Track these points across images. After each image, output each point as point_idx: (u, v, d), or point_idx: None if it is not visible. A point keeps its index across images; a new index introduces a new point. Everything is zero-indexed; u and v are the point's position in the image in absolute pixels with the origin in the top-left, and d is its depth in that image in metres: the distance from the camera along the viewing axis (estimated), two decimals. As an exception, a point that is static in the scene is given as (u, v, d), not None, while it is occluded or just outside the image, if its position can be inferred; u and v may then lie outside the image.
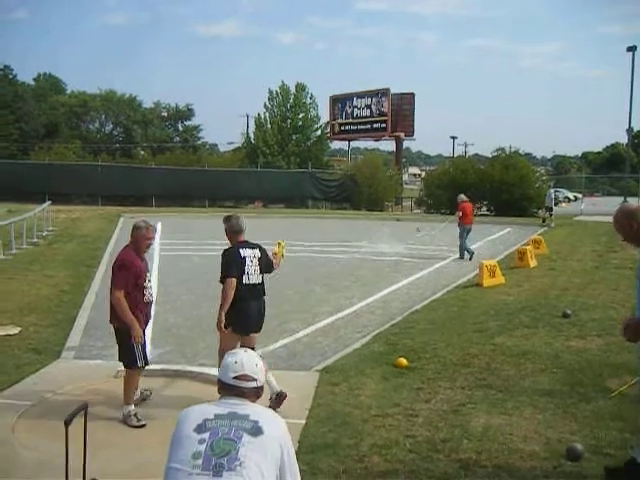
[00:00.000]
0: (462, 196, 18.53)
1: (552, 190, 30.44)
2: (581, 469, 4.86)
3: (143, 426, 5.81)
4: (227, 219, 6.61)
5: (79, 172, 39.33)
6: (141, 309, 6.07)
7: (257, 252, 6.43)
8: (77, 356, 8.22)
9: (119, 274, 6.01)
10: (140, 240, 6.13)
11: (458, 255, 18.08)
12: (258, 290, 6.44)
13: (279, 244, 7.04)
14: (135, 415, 5.91)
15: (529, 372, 7.23)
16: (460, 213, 18.04)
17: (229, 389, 2.91)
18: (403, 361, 7.57)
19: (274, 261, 6.78)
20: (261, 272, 6.43)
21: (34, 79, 72.36)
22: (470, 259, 17.44)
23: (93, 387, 6.93)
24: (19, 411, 6.12)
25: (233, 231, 6.50)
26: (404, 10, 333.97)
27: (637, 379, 6.64)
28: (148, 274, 6.25)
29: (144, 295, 6.11)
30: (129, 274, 5.97)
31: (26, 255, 16.45)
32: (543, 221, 29.06)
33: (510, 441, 5.36)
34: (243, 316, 6.34)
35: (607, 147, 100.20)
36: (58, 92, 69.77)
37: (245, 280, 6.28)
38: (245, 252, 6.33)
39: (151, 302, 6.29)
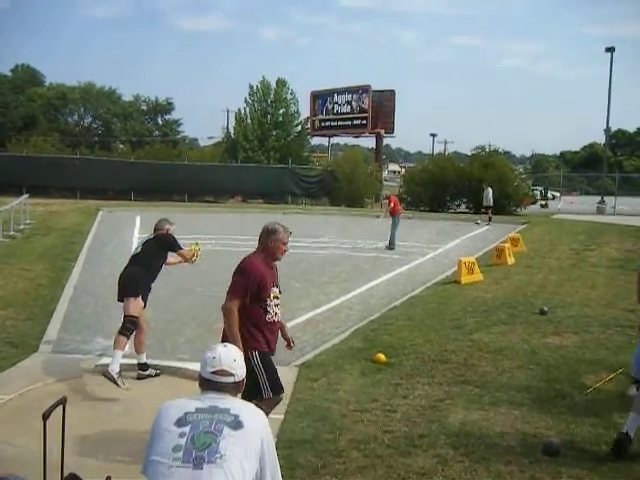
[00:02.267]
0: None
1: (490, 189, 30.31)
2: (557, 464, 4.93)
3: None
4: None
5: (57, 165, 38.91)
6: (261, 328, 5.06)
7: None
8: (55, 350, 8.15)
9: (237, 280, 5.17)
10: (276, 246, 5.18)
11: (388, 245, 19.10)
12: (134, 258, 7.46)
13: (196, 244, 7.95)
14: None
15: (506, 368, 7.30)
16: (392, 204, 19.76)
17: (208, 384, 2.92)
18: (382, 357, 7.61)
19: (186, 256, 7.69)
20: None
21: (11, 70, 71.45)
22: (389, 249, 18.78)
23: (71, 381, 6.89)
24: (-4, 405, 6.08)
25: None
26: (387, 8, 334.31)
27: (612, 375, 6.76)
28: (275, 289, 5.23)
29: (267, 312, 5.11)
30: (250, 283, 5.08)
31: (3, 248, 16.28)
32: (489, 220, 28.54)
33: (487, 436, 5.42)
34: None
35: (585, 147, 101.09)
36: (36, 84, 68.98)
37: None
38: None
39: (275, 322, 5.19)
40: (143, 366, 7.24)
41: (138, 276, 7.24)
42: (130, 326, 6.97)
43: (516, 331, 8.70)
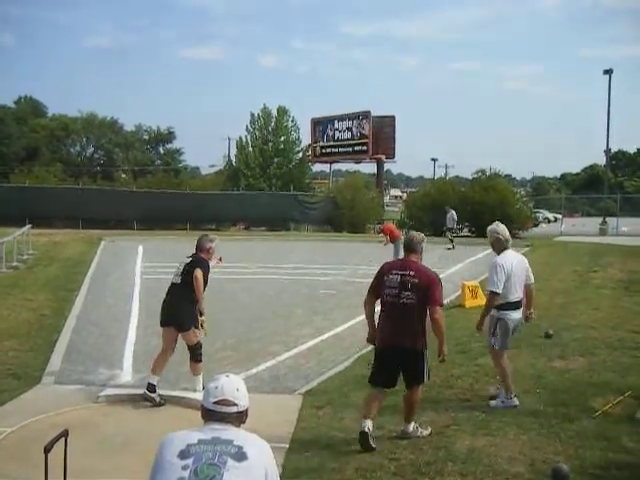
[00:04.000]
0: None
1: (453, 211, 30.25)
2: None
3: None
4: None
5: (60, 195, 39.06)
6: None
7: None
8: (57, 381, 8.11)
9: (440, 289, 6.03)
10: (421, 252, 6.27)
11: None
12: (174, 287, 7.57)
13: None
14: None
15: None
16: (387, 234, 20.46)
17: (210, 414, 2.88)
18: None
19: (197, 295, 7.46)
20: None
21: (14, 102, 72.17)
22: None
23: (74, 412, 6.84)
24: (-2, 438, 6.02)
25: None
26: (388, 34, 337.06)
27: (620, 398, 6.68)
28: None
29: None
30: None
31: (6, 279, 16.27)
32: (451, 242, 28.24)
33: (495, 462, 5.34)
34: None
35: (585, 168, 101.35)
36: (39, 115, 69.56)
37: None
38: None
39: None
40: (151, 387, 7.22)
41: (187, 311, 7.43)
42: (199, 351, 7.49)
43: (522, 355, 8.62)
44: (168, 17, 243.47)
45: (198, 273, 7.32)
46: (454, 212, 29.93)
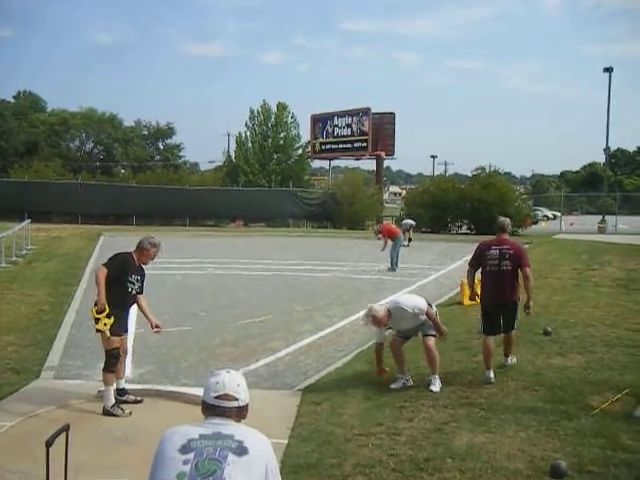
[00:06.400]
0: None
1: (409, 220, 29.89)
2: (564, 487, 4.87)
3: None
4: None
5: (59, 190, 39.10)
6: None
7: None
8: (57, 376, 8.11)
9: (527, 256, 7.99)
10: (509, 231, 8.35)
11: (390, 266, 19.30)
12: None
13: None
14: None
15: (511, 390, 7.24)
16: (385, 235, 20.06)
17: (211, 409, 2.90)
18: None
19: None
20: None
21: (14, 97, 72.04)
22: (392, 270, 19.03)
23: (73, 407, 6.84)
24: (-3, 432, 6.03)
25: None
26: (388, 31, 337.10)
27: (618, 396, 6.70)
28: None
29: None
30: None
31: (5, 274, 16.28)
32: (409, 240, 27.83)
33: (494, 459, 5.36)
34: None
35: (585, 166, 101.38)
36: (38, 110, 69.43)
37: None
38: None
39: None
40: (121, 392, 7.02)
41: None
42: (112, 360, 6.83)
43: (520, 352, 8.63)
44: (169, 13, 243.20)
45: (100, 272, 6.77)
46: (409, 221, 30.06)
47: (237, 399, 2.91)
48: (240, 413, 2.94)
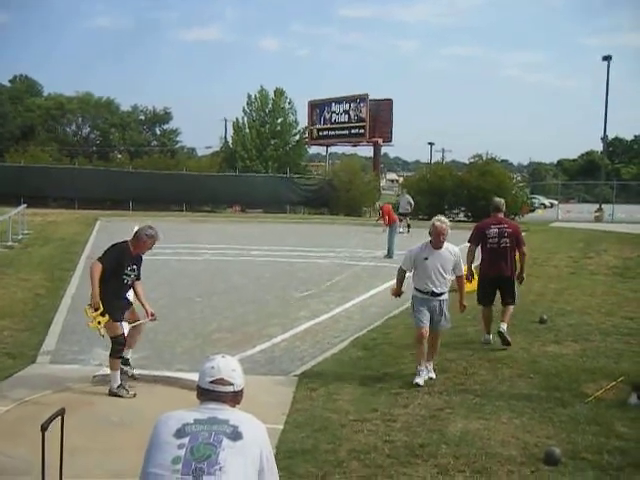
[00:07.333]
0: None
1: (408, 195, 29.67)
2: (558, 473, 4.89)
3: None
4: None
5: (55, 175, 38.98)
6: None
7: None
8: (53, 361, 8.12)
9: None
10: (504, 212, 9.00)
11: (387, 253, 19.10)
12: None
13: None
14: None
15: (506, 377, 7.27)
16: (386, 215, 20.54)
17: (206, 394, 2.90)
18: None
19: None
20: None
21: (9, 81, 71.53)
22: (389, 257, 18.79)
23: (69, 392, 6.85)
24: (-7, 416, 6.03)
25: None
26: (387, 17, 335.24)
27: (613, 384, 6.73)
28: None
29: None
30: None
31: (1, 258, 16.24)
32: (408, 227, 27.50)
33: (488, 446, 5.38)
34: None
35: (582, 155, 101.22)
36: (34, 95, 69.00)
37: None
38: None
39: None
40: (125, 361, 7.13)
41: (104, 300, 6.87)
42: (117, 346, 6.91)
43: (516, 339, 8.66)
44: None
45: (95, 267, 6.69)
46: (409, 196, 29.74)
47: (232, 384, 2.91)
48: (235, 398, 2.94)
